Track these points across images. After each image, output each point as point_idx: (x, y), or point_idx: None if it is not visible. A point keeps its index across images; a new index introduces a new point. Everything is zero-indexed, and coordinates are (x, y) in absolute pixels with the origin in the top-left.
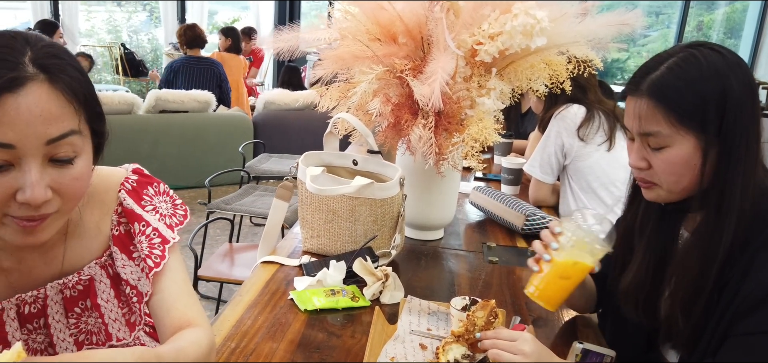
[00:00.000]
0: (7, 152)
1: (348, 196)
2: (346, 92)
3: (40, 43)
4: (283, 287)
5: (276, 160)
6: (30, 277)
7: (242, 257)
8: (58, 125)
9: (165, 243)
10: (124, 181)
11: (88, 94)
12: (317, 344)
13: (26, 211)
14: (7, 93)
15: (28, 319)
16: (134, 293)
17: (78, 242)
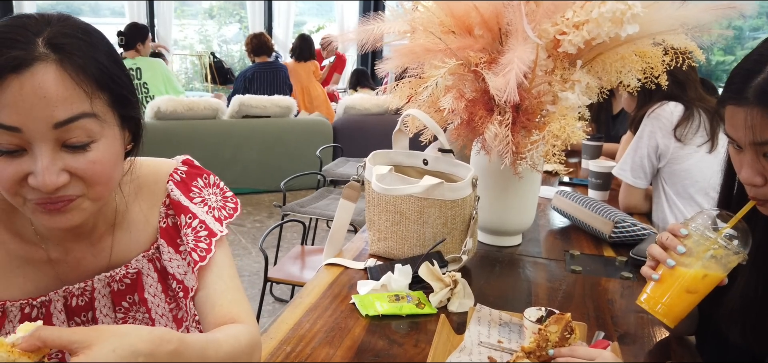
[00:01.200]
0: (15, 136)
1: (416, 196)
2: (416, 88)
3: (61, 23)
4: (345, 291)
5: (353, 164)
6: (78, 269)
7: (313, 260)
8: (66, 108)
9: (212, 236)
10: (173, 172)
11: (109, 76)
12: (377, 352)
13: (40, 195)
14: (12, 74)
15: (76, 312)
16: (180, 288)
17: (126, 234)
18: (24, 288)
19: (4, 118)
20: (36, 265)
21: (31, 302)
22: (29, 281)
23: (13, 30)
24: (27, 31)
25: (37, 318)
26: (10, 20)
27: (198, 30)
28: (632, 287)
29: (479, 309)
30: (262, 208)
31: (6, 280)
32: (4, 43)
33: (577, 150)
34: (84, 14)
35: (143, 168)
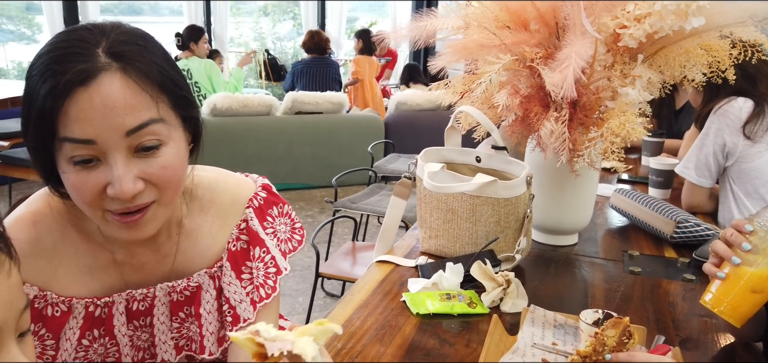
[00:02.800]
0: (89, 147)
1: (468, 194)
2: (470, 84)
3: (116, 30)
4: (396, 288)
5: (404, 160)
6: (141, 272)
7: (364, 256)
8: (135, 115)
9: (278, 274)
10: (253, 196)
11: (169, 79)
12: (427, 351)
13: (120, 205)
14: (80, 87)
15: (136, 316)
16: (231, 314)
17: (191, 246)
18: (90, 287)
19: (78, 131)
20: (102, 267)
21: (96, 301)
22: (95, 281)
23: (74, 44)
24: (87, 43)
25: (100, 317)
26: (67, 34)
27: (253, 27)
28: (695, 290)
29: (533, 310)
30: (314, 204)
31: (74, 278)
32: (67, 58)
33: (637, 147)
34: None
35: (219, 183)
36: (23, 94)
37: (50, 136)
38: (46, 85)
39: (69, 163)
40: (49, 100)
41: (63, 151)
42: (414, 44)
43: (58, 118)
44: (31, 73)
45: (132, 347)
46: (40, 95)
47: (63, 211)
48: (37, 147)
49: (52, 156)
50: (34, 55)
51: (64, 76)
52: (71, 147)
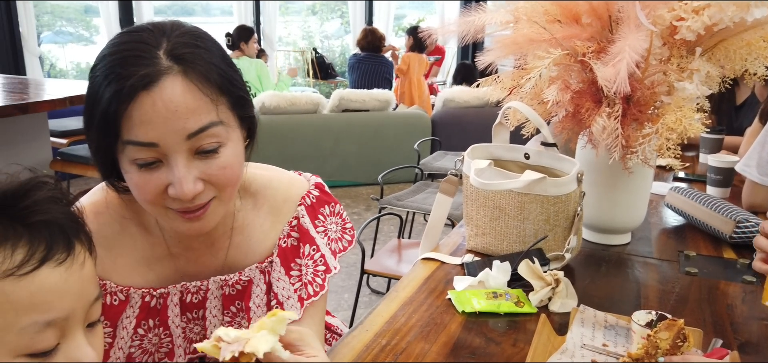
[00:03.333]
0: (152, 150)
1: (516, 191)
2: (518, 80)
3: (176, 32)
4: (441, 286)
5: (451, 158)
6: (196, 265)
7: (409, 253)
8: (197, 118)
9: (327, 272)
10: (305, 195)
11: (228, 80)
12: (473, 349)
13: (180, 204)
14: (143, 91)
15: (189, 308)
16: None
17: (244, 241)
18: (147, 277)
19: (141, 135)
20: (158, 258)
21: (152, 292)
22: (151, 272)
23: (135, 47)
24: (148, 46)
25: (155, 307)
26: (128, 35)
27: (301, 26)
28: (756, 292)
29: (583, 310)
30: (360, 201)
31: (132, 269)
32: (130, 62)
33: (695, 143)
34: (196, 14)
35: (273, 181)
36: (86, 95)
37: (113, 138)
38: (110, 88)
39: (132, 164)
40: (113, 104)
41: (126, 153)
42: (462, 40)
43: (121, 122)
44: (94, 74)
45: (184, 339)
46: (104, 98)
47: (123, 205)
48: (100, 146)
49: (114, 154)
50: (97, 56)
51: (127, 80)
52: (134, 149)
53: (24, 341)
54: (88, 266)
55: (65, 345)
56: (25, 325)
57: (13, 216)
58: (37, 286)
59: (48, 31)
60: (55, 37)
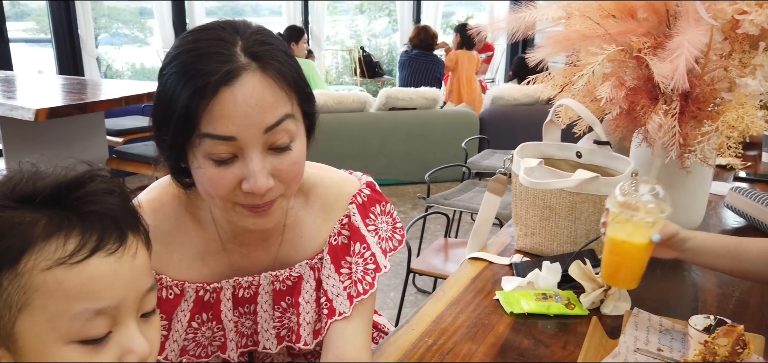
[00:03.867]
0: (230, 145)
1: (568, 191)
2: (570, 76)
3: (248, 30)
4: (489, 286)
5: (500, 156)
6: (248, 260)
7: (456, 253)
8: (274, 112)
9: (377, 271)
10: (357, 193)
11: (297, 78)
12: (521, 351)
13: (252, 200)
14: (224, 86)
15: (241, 303)
16: (327, 307)
17: (295, 238)
18: (201, 272)
19: (221, 129)
20: (213, 254)
21: (206, 286)
22: (206, 267)
23: (213, 44)
24: (225, 43)
25: (208, 302)
26: (202, 33)
27: (349, 25)
28: None
29: (637, 313)
30: (407, 200)
31: (187, 264)
32: (211, 58)
33: (757, 142)
34: (246, 14)
35: (325, 179)
36: (158, 93)
37: (190, 133)
38: (190, 84)
39: (207, 159)
40: (195, 99)
41: (202, 147)
42: (511, 37)
43: (201, 116)
44: (167, 72)
45: (236, 333)
46: (182, 94)
47: (179, 201)
48: (175, 142)
49: (186, 150)
50: (167, 55)
51: (210, 75)
52: (212, 143)
53: (75, 328)
54: (140, 257)
55: (117, 333)
56: (76, 312)
57: (68, 206)
58: (88, 274)
59: (105, 33)
60: (112, 39)
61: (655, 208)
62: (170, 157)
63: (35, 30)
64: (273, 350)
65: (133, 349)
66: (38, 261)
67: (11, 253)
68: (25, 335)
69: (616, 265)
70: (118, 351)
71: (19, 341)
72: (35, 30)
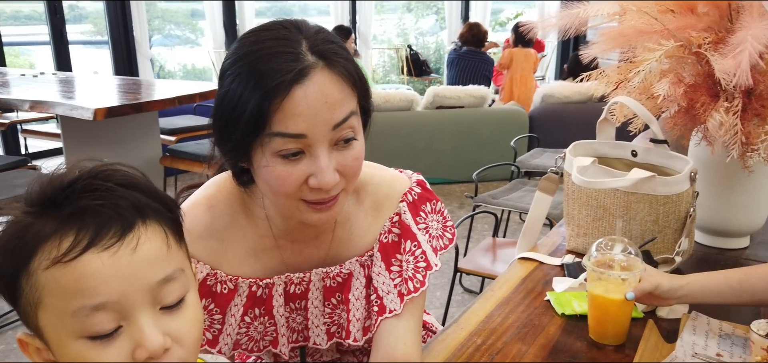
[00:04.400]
0: (299, 142)
1: (622, 190)
2: (626, 73)
3: (311, 29)
4: (540, 287)
5: (550, 155)
6: (300, 257)
7: (505, 253)
8: (341, 109)
9: (428, 269)
10: (407, 191)
11: (358, 74)
12: (573, 353)
13: (317, 195)
14: (296, 84)
15: (292, 299)
16: (378, 304)
17: (345, 235)
18: (254, 268)
19: (292, 127)
20: (265, 250)
21: (258, 282)
22: (259, 263)
23: (279, 43)
24: (292, 42)
25: (261, 297)
26: (265, 33)
27: (396, 24)
28: None
29: (695, 317)
30: (453, 199)
31: (240, 260)
32: (281, 58)
33: None
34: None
35: (375, 177)
36: (222, 95)
37: (259, 132)
38: (260, 84)
39: (275, 156)
40: (267, 99)
41: (271, 145)
42: (563, 33)
43: (273, 116)
44: (231, 73)
45: (288, 328)
46: (252, 95)
47: (234, 198)
48: (242, 141)
49: (251, 149)
50: (229, 58)
51: (282, 74)
52: (282, 141)
53: (77, 325)
54: (145, 249)
55: (128, 328)
56: (75, 309)
57: (69, 206)
58: (80, 271)
59: (158, 34)
60: (164, 41)
61: (627, 266)
62: (233, 157)
63: (92, 32)
64: (323, 346)
65: (142, 344)
66: (41, 261)
67: (24, 254)
68: (46, 330)
69: (597, 320)
70: (131, 345)
71: (43, 335)
72: (92, 32)
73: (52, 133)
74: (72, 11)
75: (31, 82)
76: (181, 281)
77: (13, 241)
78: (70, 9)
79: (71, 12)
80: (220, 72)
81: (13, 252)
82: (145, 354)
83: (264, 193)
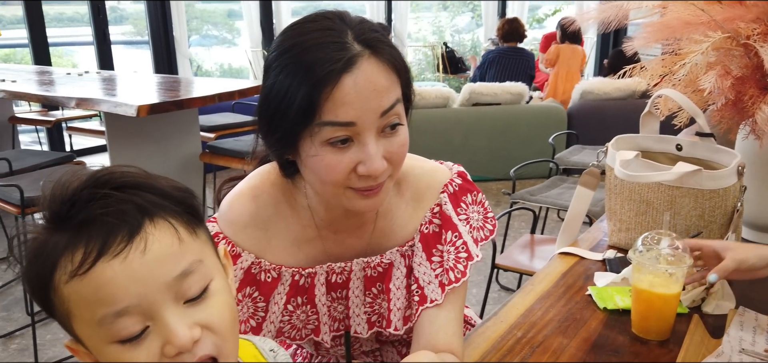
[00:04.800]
0: (348, 130)
1: (667, 184)
2: (671, 67)
3: (355, 19)
4: (581, 282)
5: (589, 152)
6: (341, 247)
7: (543, 250)
8: (388, 96)
9: (469, 259)
10: (448, 182)
11: (403, 63)
12: (616, 347)
13: (365, 182)
14: (346, 73)
15: (334, 288)
16: (419, 294)
17: (387, 226)
18: (297, 257)
19: (341, 115)
20: (308, 240)
21: (301, 271)
22: (301, 252)
23: (325, 34)
24: (337, 32)
25: (303, 286)
26: (310, 26)
27: (431, 21)
28: None
29: (742, 312)
30: (490, 196)
31: (284, 249)
32: (329, 48)
33: None
34: None
35: (416, 168)
36: (268, 88)
37: (309, 123)
38: (309, 74)
39: (324, 145)
40: (317, 88)
41: (320, 135)
42: (604, 26)
43: (322, 104)
44: (277, 66)
45: (329, 317)
46: (301, 85)
47: (278, 189)
48: (289, 133)
49: (298, 140)
50: (273, 51)
51: (331, 63)
52: (331, 130)
53: (105, 331)
54: (155, 249)
55: (155, 327)
56: (100, 317)
57: (83, 218)
58: (95, 281)
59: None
60: (202, 41)
61: (674, 260)
62: (279, 149)
63: (132, 33)
64: (363, 335)
65: (169, 340)
66: (62, 277)
67: (46, 270)
68: (82, 338)
69: (641, 314)
70: (160, 343)
71: (83, 343)
72: (132, 33)
73: (96, 131)
74: (113, 13)
75: (76, 81)
76: (201, 272)
77: (36, 259)
78: (110, 10)
79: (112, 13)
80: (265, 66)
81: (38, 269)
82: (174, 350)
83: (310, 182)
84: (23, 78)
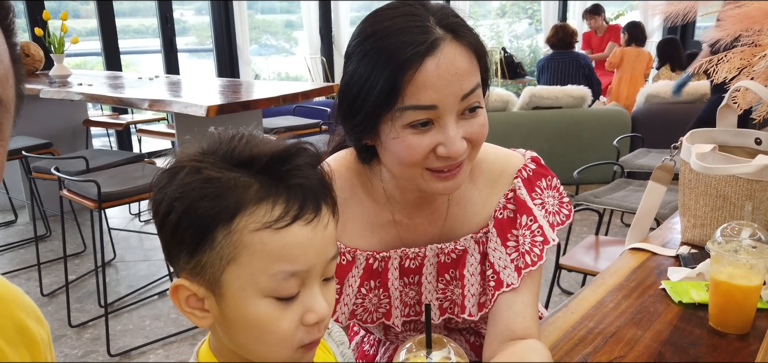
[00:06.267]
0: (429, 112)
1: (745, 178)
2: (750, 58)
3: (435, 6)
4: (653, 277)
5: (655, 156)
6: (415, 233)
7: (607, 251)
8: (469, 80)
9: (545, 243)
10: (522, 167)
11: (482, 48)
12: (693, 340)
13: (444, 163)
14: (428, 57)
15: (407, 273)
16: (494, 279)
17: (460, 212)
18: (371, 241)
19: (424, 98)
20: (382, 225)
21: (375, 255)
22: (375, 237)
23: (408, 20)
24: (419, 17)
25: (377, 270)
26: (392, 12)
27: (489, 27)
28: None
29: None
30: None
31: (359, 232)
32: (412, 32)
33: None
34: None
35: (489, 154)
36: (349, 74)
37: (391, 106)
38: (393, 58)
39: (405, 129)
40: (400, 72)
41: (402, 118)
42: (671, 20)
43: (405, 87)
44: (358, 52)
45: (401, 302)
46: (385, 69)
47: (353, 173)
48: (370, 117)
49: (379, 124)
50: (354, 39)
51: (414, 46)
52: (413, 113)
53: (272, 285)
54: (330, 228)
55: (303, 294)
56: (275, 272)
57: (277, 176)
58: (288, 240)
59: (254, 44)
60: (260, 50)
61: (756, 252)
62: (359, 133)
63: (195, 43)
64: (435, 321)
65: (314, 310)
66: (249, 222)
67: (227, 212)
68: (230, 285)
69: (719, 307)
70: (301, 309)
71: (223, 288)
72: (195, 43)
73: (164, 132)
74: (176, 24)
75: (147, 85)
76: (337, 259)
77: (214, 195)
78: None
79: (176, 25)
80: (346, 54)
81: (214, 205)
82: (316, 317)
83: (388, 165)
84: (98, 82)
